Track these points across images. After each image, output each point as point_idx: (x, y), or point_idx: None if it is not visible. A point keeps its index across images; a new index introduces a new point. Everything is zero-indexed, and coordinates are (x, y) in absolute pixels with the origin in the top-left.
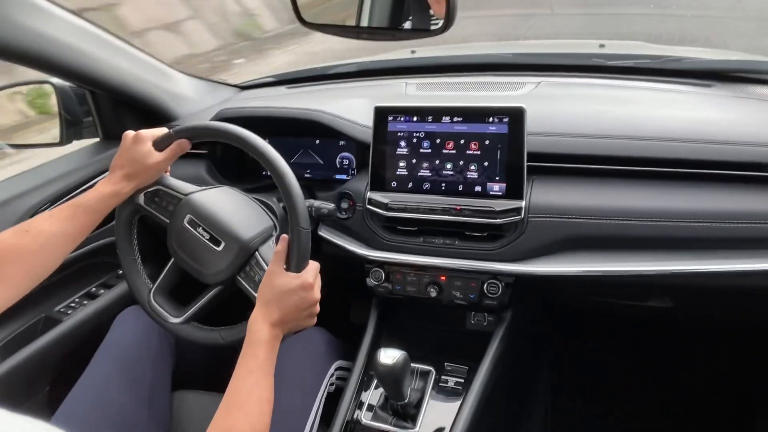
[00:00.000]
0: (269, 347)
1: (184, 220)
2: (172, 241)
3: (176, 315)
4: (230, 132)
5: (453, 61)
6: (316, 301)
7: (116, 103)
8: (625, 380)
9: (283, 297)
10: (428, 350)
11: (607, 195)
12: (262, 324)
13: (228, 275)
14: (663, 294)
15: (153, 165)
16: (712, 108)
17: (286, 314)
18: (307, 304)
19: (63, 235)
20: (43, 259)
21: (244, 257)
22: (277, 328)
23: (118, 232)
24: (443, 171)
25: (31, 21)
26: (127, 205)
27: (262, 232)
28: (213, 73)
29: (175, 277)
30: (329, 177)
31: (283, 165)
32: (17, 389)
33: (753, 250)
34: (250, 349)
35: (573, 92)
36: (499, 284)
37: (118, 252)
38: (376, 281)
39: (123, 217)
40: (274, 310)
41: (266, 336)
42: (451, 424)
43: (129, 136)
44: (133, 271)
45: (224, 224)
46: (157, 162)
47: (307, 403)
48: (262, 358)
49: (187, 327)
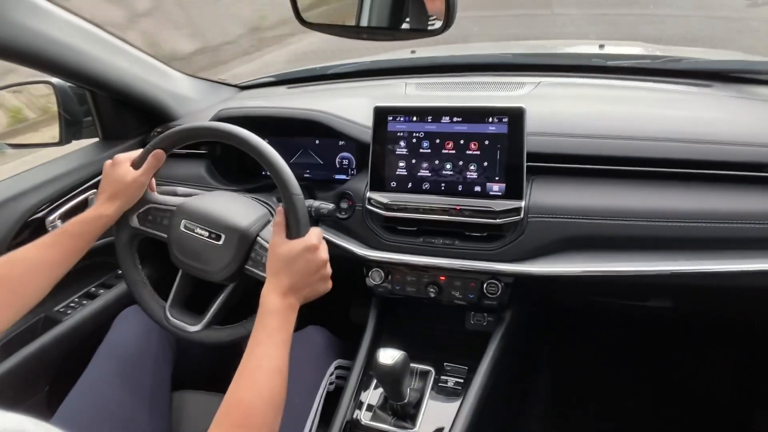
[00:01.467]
0: (280, 317)
1: (181, 227)
2: (175, 251)
3: (195, 323)
4: (201, 128)
5: (453, 61)
6: (325, 262)
7: (116, 103)
8: (624, 380)
9: (289, 264)
10: (428, 350)
11: (606, 195)
12: (271, 294)
13: (236, 267)
14: (663, 294)
15: (132, 182)
16: (712, 108)
17: (296, 281)
18: (316, 266)
19: (47, 262)
20: (30, 287)
21: (246, 245)
22: (290, 296)
23: (120, 259)
24: (443, 171)
25: (31, 21)
26: (123, 231)
27: (259, 218)
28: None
29: (187, 288)
30: (329, 177)
31: (259, 141)
32: (17, 389)
33: (753, 250)
34: (259, 321)
35: (573, 92)
36: (498, 284)
37: (125, 279)
38: (376, 281)
39: (122, 242)
40: (284, 278)
41: (276, 306)
42: (450, 424)
43: (107, 163)
44: (144, 293)
45: (220, 218)
46: (135, 178)
47: (307, 401)
48: (271, 328)
49: (208, 332)
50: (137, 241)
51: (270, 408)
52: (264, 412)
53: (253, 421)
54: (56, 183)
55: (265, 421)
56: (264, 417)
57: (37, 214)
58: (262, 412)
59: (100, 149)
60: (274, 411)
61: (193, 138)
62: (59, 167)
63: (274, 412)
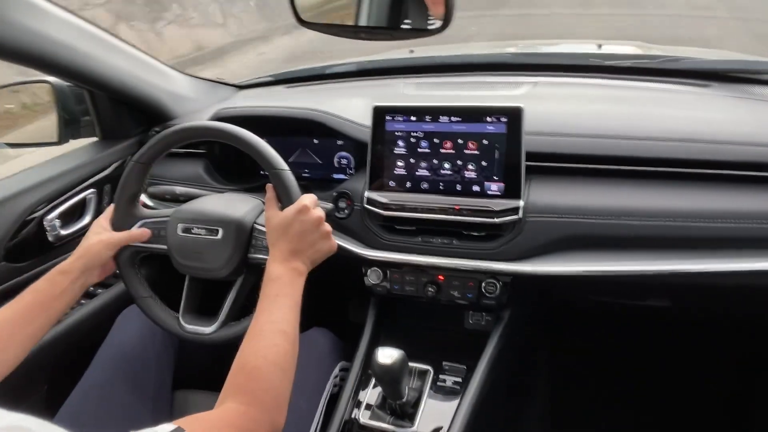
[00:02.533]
0: (283, 282)
1: (178, 231)
2: (177, 257)
3: (210, 325)
4: (177, 131)
5: (451, 61)
6: (320, 219)
7: (114, 103)
8: (623, 379)
9: (285, 230)
10: (426, 349)
11: (604, 195)
12: (273, 264)
13: (238, 259)
14: (661, 293)
15: (97, 242)
16: (710, 108)
17: (295, 244)
18: (311, 225)
19: (10, 322)
20: (4, 357)
21: (245, 234)
22: (293, 261)
23: (125, 279)
24: (441, 171)
25: (30, 20)
26: (123, 252)
27: (253, 207)
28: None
29: (197, 293)
30: (327, 176)
31: (233, 127)
32: (15, 389)
33: (753, 249)
34: (262, 290)
35: (571, 92)
36: (497, 284)
37: (133, 298)
38: (374, 281)
39: (124, 262)
40: (282, 244)
41: (278, 273)
42: (449, 424)
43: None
44: (154, 308)
45: (214, 213)
46: (101, 240)
47: (313, 404)
48: (273, 294)
49: (224, 330)
50: (138, 259)
51: (275, 368)
52: (269, 372)
53: (258, 383)
54: (54, 182)
55: (271, 383)
56: (269, 378)
57: (35, 213)
58: (267, 372)
59: (98, 148)
60: (279, 372)
61: (168, 146)
62: (57, 166)
63: (280, 374)
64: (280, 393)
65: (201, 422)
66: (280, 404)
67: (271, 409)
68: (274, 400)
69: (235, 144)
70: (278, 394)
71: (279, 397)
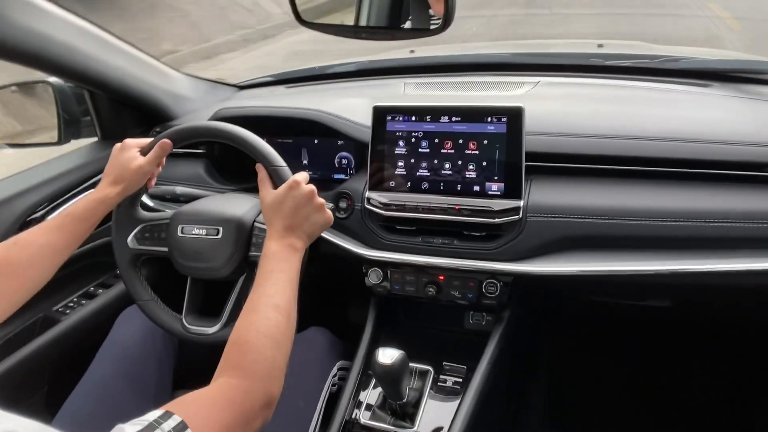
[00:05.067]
0: (278, 258)
1: (178, 232)
2: (178, 258)
3: (213, 325)
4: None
5: (451, 61)
6: (312, 192)
7: (114, 103)
8: (623, 380)
9: (278, 207)
10: (426, 350)
11: (605, 195)
12: (268, 241)
13: (240, 258)
14: (661, 293)
15: (137, 168)
16: (710, 107)
17: (288, 220)
18: (303, 199)
19: (51, 246)
20: (34, 272)
21: (245, 233)
22: (288, 237)
23: (127, 282)
24: (442, 171)
25: (30, 20)
26: (124, 255)
27: (252, 206)
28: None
29: (199, 294)
30: (328, 177)
31: (225, 125)
32: (15, 389)
33: (753, 249)
34: (258, 268)
35: (571, 92)
36: (497, 284)
37: (136, 302)
38: (375, 281)
39: (125, 266)
40: (276, 222)
41: (273, 249)
42: (449, 424)
43: (117, 146)
44: (157, 311)
45: (214, 213)
46: (141, 165)
47: (311, 404)
48: (268, 270)
49: (227, 330)
50: (140, 262)
51: (267, 340)
52: (261, 344)
53: (250, 356)
54: (55, 182)
55: (262, 354)
56: (261, 350)
57: (36, 214)
58: (259, 345)
59: (98, 149)
60: (272, 343)
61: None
62: (58, 167)
63: (273, 345)
64: (273, 363)
65: (194, 401)
66: (273, 374)
67: (264, 378)
68: (267, 370)
69: (231, 142)
70: (270, 364)
71: (272, 368)
